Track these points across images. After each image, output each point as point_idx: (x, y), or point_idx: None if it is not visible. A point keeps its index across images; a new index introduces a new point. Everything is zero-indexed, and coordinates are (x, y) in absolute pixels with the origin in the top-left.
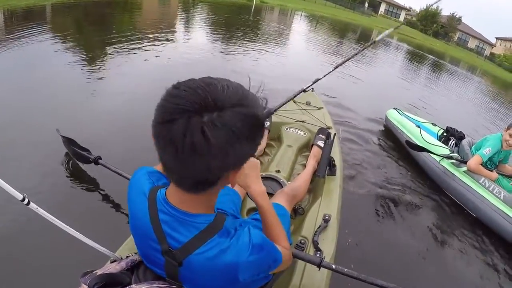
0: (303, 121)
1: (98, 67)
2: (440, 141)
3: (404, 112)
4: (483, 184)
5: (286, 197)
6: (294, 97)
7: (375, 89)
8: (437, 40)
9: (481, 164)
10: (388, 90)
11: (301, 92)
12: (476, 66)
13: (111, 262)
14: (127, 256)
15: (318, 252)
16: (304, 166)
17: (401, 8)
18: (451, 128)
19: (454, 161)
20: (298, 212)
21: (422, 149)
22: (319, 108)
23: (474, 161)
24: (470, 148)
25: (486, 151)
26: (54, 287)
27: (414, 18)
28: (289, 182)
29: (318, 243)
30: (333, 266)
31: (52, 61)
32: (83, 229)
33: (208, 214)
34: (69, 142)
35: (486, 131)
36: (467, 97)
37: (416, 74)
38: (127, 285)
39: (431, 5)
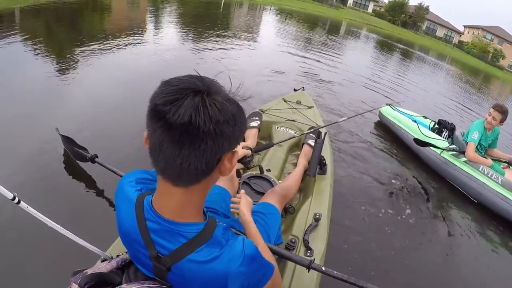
0: (293, 120)
1: (68, 67)
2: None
3: (397, 108)
4: (482, 171)
5: (277, 196)
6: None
7: (349, 82)
8: (406, 30)
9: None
10: (362, 82)
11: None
12: (445, 54)
13: (102, 261)
14: (118, 255)
15: (309, 251)
16: (295, 165)
17: None
18: (443, 120)
19: (454, 152)
20: (288, 211)
21: (428, 144)
22: (310, 107)
23: (470, 150)
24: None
25: (474, 135)
26: (44, 286)
27: (382, 9)
28: (279, 181)
29: (308, 242)
30: (323, 268)
31: (30, 64)
32: (74, 227)
33: (196, 224)
34: (67, 140)
35: (467, 118)
36: (442, 85)
37: (387, 64)
38: (118, 285)
39: None
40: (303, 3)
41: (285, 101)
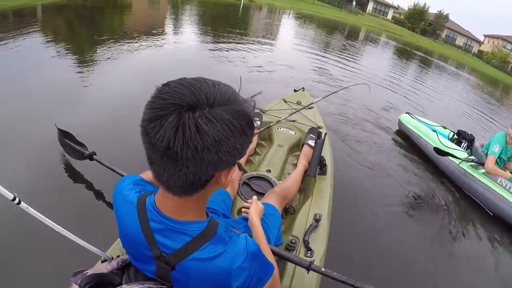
0: (294, 121)
1: (93, 65)
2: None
3: (416, 116)
4: (500, 183)
5: (277, 196)
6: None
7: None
8: (425, 38)
9: None
10: (380, 88)
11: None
12: (464, 63)
13: (102, 262)
14: (118, 256)
15: (309, 252)
16: (295, 165)
17: (388, 6)
18: (462, 131)
19: (472, 163)
20: (289, 212)
21: (448, 154)
22: (310, 108)
23: (490, 162)
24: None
25: (495, 148)
26: (45, 287)
27: (402, 16)
28: (280, 182)
29: (308, 243)
30: (322, 270)
31: (46, 60)
32: (74, 228)
33: (200, 221)
34: (65, 136)
35: (485, 128)
36: (460, 95)
37: (406, 71)
38: (118, 285)
39: None
40: (322, 8)
41: (285, 102)
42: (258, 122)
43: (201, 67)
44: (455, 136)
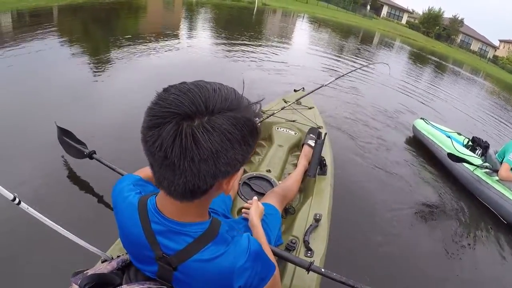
0: (293, 121)
1: (105, 66)
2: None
3: (431, 122)
4: None
5: (277, 196)
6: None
7: (384, 92)
8: (440, 43)
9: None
10: (394, 91)
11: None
12: (480, 68)
13: (102, 262)
14: (118, 256)
15: (309, 252)
16: (295, 165)
17: (403, 10)
18: (477, 138)
19: (487, 170)
20: (289, 212)
21: (462, 160)
22: (310, 108)
23: (504, 170)
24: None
25: (510, 156)
26: (45, 287)
27: (416, 21)
28: (280, 182)
29: (309, 243)
30: (322, 270)
31: (56, 60)
32: (74, 228)
33: (202, 222)
34: (65, 134)
35: (500, 135)
36: (475, 101)
37: (420, 75)
38: (118, 285)
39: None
40: (336, 12)
41: (285, 102)
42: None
43: (214, 70)
44: (470, 143)
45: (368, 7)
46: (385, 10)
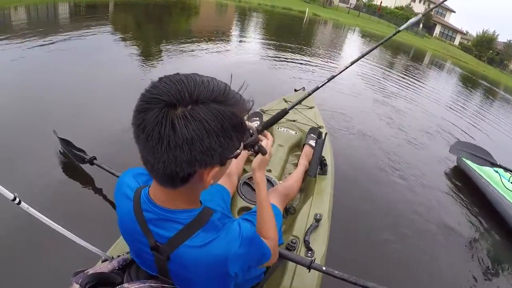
0: (294, 120)
1: (151, 62)
2: None
3: None
4: None
5: (278, 196)
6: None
7: (425, 110)
8: (491, 68)
9: None
10: (440, 113)
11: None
12: None
13: (103, 262)
14: (119, 256)
15: (310, 252)
16: (296, 165)
17: (456, 31)
18: None
19: None
20: (289, 212)
21: None
22: (311, 108)
23: None
24: None
25: None
26: (45, 287)
27: (469, 43)
28: (280, 182)
29: (309, 243)
30: (323, 268)
31: (111, 54)
32: (75, 228)
33: (192, 210)
34: (65, 143)
35: None
36: None
37: (469, 101)
38: (119, 284)
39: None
40: (387, 28)
41: (285, 101)
42: (258, 122)
43: (256, 76)
44: None
45: (421, 25)
46: (437, 30)
